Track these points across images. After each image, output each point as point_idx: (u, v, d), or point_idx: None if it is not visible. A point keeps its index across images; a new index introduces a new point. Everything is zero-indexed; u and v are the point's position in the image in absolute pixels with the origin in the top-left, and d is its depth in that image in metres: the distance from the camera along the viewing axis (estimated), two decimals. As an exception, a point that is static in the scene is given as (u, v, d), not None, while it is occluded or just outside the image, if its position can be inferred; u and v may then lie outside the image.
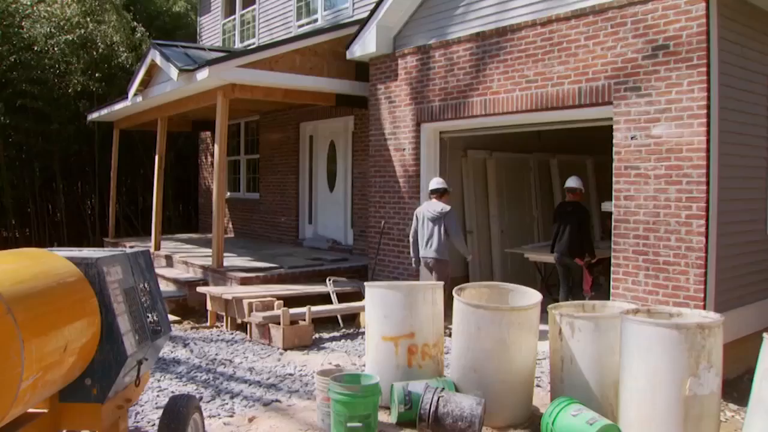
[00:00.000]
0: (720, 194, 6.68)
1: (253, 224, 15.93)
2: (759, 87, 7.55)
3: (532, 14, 8.19)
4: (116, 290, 4.08)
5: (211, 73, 9.91)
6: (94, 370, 3.94)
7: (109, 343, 3.94)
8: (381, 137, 10.48)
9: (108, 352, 3.94)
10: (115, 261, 4.23)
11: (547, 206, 12.55)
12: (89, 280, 3.94)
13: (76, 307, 3.76)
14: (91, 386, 3.95)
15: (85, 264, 3.98)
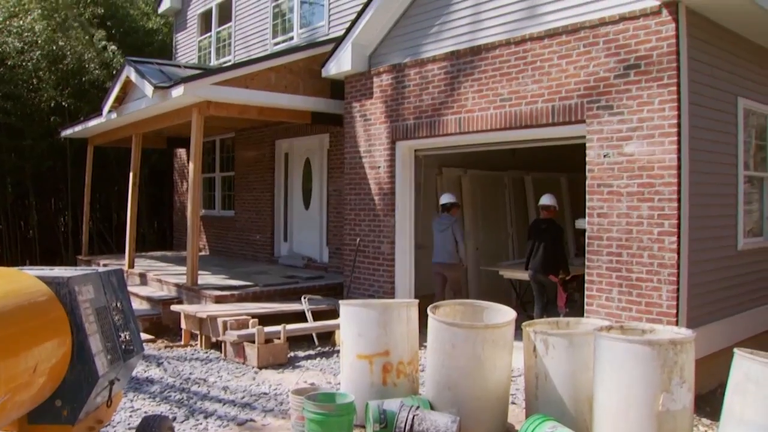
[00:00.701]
0: (691, 211, 6.77)
1: (228, 242, 15.84)
2: (728, 106, 7.69)
3: (505, 33, 8.27)
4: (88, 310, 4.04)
5: (186, 91, 9.89)
6: (65, 391, 3.89)
7: (80, 364, 3.90)
8: (356, 155, 10.50)
9: (79, 372, 3.90)
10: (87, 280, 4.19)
11: (522, 223, 12.62)
12: (60, 300, 3.90)
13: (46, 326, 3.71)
14: (61, 407, 3.89)
15: (56, 283, 3.94)
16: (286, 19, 14.31)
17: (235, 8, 15.88)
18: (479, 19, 8.62)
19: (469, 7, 8.75)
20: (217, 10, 16.81)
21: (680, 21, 6.70)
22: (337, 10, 12.67)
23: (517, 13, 8.16)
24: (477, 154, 10.52)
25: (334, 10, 12.73)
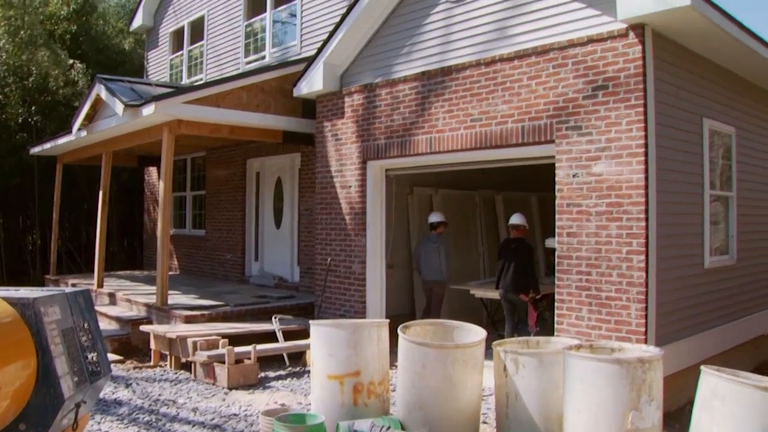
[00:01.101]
0: (659, 230, 6.86)
1: (199, 261, 15.72)
2: (694, 126, 7.83)
3: (476, 54, 8.36)
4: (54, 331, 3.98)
5: (157, 109, 9.84)
6: (29, 415, 3.81)
7: (45, 386, 3.83)
8: (327, 174, 10.50)
9: (44, 395, 3.83)
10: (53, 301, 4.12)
11: (493, 242, 12.68)
12: (25, 321, 3.83)
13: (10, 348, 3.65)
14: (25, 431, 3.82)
15: (21, 304, 3.88)
16: (259, 38, 14.32)
17: (208, 27, 15.88)
18: (450, 39, 8.71)
19: (440, 28, 8.83)
20: (189, 29, 16.80)
21: (646, 43, 6.83)
22: (309, 30, 12.72)
23: (487, 34, 8.26)
24: (448, 173, 10.57)
25: (306, 30, 12.78)
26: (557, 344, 6.08)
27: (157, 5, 18.34)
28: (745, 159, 9.22)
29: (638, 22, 6.79)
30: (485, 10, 8.28)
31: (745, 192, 9.21)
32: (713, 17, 6.76)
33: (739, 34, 7.34)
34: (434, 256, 10.35)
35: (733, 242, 8.86)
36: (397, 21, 9.46)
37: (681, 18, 6.64)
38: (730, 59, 8.25)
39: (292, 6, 13.40)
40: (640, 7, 6.61)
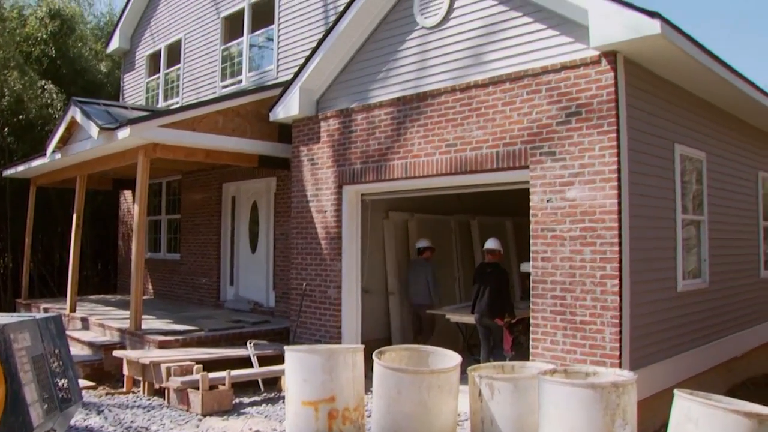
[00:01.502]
0: (632, 254, 6.92)
1: (174, 285, 15.59)
2: (666, 152, 7.94)
3: (451, 80, 8.43)
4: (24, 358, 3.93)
5: (132, 132, 9.80)
6: (-3, 443, 3.75)
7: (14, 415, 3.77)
8: (303, 199, 10.50)
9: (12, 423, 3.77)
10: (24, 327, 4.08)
11: (469, 267, 12.71)
12: (-6, 348, 3.78)
13: (-23, 376, 3.60)
14: (-7, 460, 3.76)
15: (-10, 330, 3.83)
16: (235, 62, 14.36)
17: (185, 50, 15.90)
18: (426, 65, 8.78)
19: (416, 54, 8.90)
20: (166, 52, 16.81)
21: (619, 70, 6.94)
22: (285, 55, 12.78)
23: (462, 60, 8.34)
24: (424, 198, 10.61)
25: (283, 55, 12.84)
26: (532, 369, 6.10)
27: (134, 28, 18.34)
28: (715, 183, 9.36)
29: (610, 49, 6.90)
30: (460, 37, 8.37)
31: (716, 216, 9.34)
32: (683, 45, 6.89)
33: (709, 62, 7.49)
34: (422, 280, 10.91)
35: (706, 266, 8.96)
36: (373, 47, 9.53)
37: (652, 46, 6.76)
38: (700, 86, 8.41)
39: (269, 30, 13.47)
40: (612, 35, 6.72)
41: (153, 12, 17.48)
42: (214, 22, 14.98)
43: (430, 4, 8.72)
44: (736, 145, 10.32)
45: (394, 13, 9.26)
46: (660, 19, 6.43)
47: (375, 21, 9.45)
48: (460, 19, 8.39)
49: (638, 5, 6.61)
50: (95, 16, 26.31)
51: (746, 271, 10.61)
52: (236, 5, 14.34)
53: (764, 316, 11.28)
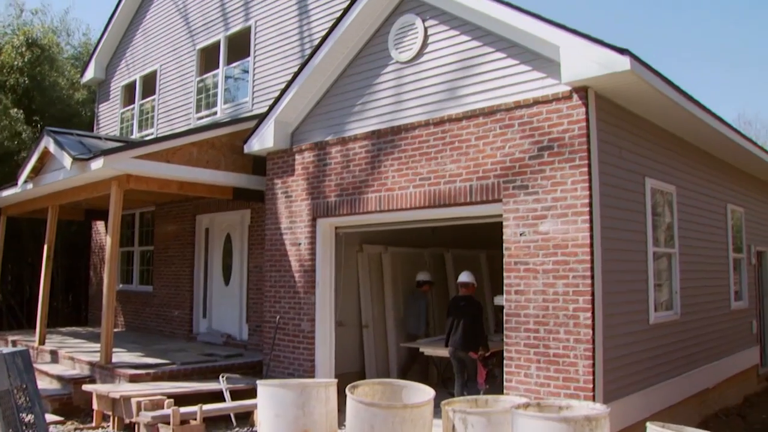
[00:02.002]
0: (604, 287, 6.97)
1: (146, 318, 15.41)
2: (637, 185, 8.05)
3: (426, 114, 8.50)
4: (-12, 394, 3.85)
5: (105, 163, 9.74)
6: (-41, 483, 3.66)
7: (-23, 453, 3.69)
8: (277, 231, 10.47)
9: (-25, 462, 3.68)
10: (-12, 363, 4.00)
11: (443, 300, 12.70)
12: (-42, 385, 3.70)
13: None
14: (-46, 501, 3.66)
15: (-46, 367, 3.75)
16: (211, 93, 14.37)
17: (160, 81, 15.89)
18: (400, 99, 8.85)
19: (391, 87, 8.98)
20: (141, 83, 16.79)
21: (590, 105, 7.05)
22: (261, 87, 12.82)
23: (437, 94, 8.42)
24: (398, 231, 10.63)
25: (259, 87, 12.88)
26: (506, 403, 6.10)
27: (109, 58, 18.33)
28: (685, 216, 9.48)
29: (582, 85, 7.01)
30: (435, 71, 8.46)
31: (687, 248, 9.45)
32: (652, 81, 7.02)
33: (677, 97, 7.63)
34: (415, 312, 11.52)
35: (677, 298, 9.05)
36: (348, 80, 9.60)
37: (622, 81, 6.88)
38: (669, 120, 8.56)
39: (245, 63, 13.52)
40: (583, 71, 6.83)
41: (129, 43, 17.49)
42: (190, 54, 15.02)
43: (405, 39, 8.82)
44: (704, 179, 10.49)
45: (369, 47, 9.35)
46: (629, 56, 6.55)
47: (350, 55, 9.53)
48: (435, 54, 8.49)
49: (608, 42, 6.73)
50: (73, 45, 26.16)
51: (717, 302, 10.73)
52: (212, 37, 14.40)
53: (735, 347, 11.39)
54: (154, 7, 16.61)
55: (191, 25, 15.16)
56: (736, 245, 11.85)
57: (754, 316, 12.84)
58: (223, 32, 14.12)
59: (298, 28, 12.26)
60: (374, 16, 9.18)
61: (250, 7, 13.47)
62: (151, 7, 16.75)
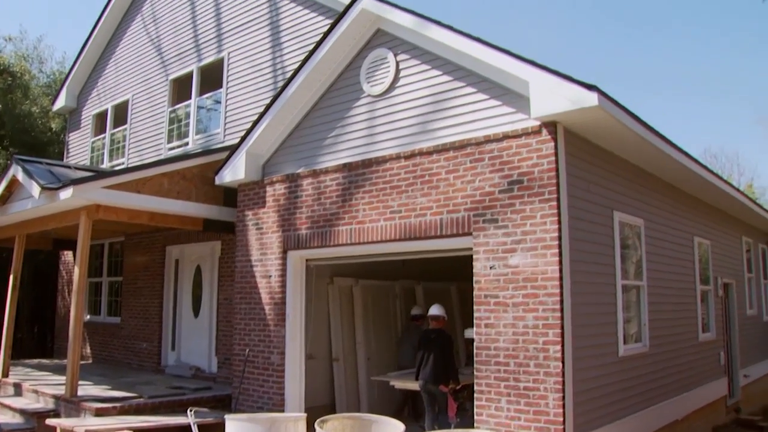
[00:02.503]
0: (574, 320, 7.01)
1: (113, 350, 15.18)
2: (605, 219, 8.14)
3: (397, 147, 8.54)
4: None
5: (75, 193, 9.65)
6: None
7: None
8: (247, 263, 10.41)
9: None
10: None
11: (414, 333, 12.66)
12: None
13: None
14: None
15: None
16: (183, 124, 14.35)
17: (132, 111, 15.85)
18: (372, 132, 8.89)
19: (363, 121, 9.02)
20: (113, 112, 16.74)
21: (559, 140, 7.13)
22: (233, 118, 12.84)
23: (408, 128, 8.47)
24: (369, 263, 10.60)
25: (231, 118, 12.89)
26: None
27: (81, 87, 18.26)
28: (653, 249, 9.59)
29: (551, 120, 7.10)
30: (406, 105, 8.53)
31: (655, 281, 9.55)
32: (619, 116, 7.14)
33: (643, 132, 7.77)
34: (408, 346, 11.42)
35: (646, 330, 9.12)
36: (320, 113, 9.64)
37: (590, 116, 6.99)
38: (636, 155, 8.69)
39: (217, 94, 13.55)
40: (552, 106, 6.93)
41: (101, 72, 17.45)
42: (163, 84, 15.02)
43: (377, 73, 8.90)
44: (672, 212, 10.64)
45: (341, 80, 9.41)
46: (597, 92, 6.66)
47: (322, 87, 9.59)
48: (406, 88, 8.56)
49: (577, 78, 6.84)
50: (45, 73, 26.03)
51: (685, 334, 10.83)
52: (185, 68, 14.42)
53: (703, 379, 11.49)
54: (127, 36, 16.62)
55: (164, 56, 15.18)
56: (703, 277, 12.00)
57: (722, 347, 12.97)
58: (196, 63, 14.15)
59: (271, 60, 12.32)
60: (346, 50, 9.26)
61: (223, 38, 13.53)
62: (124, 37, 16.76)
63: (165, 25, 15.36)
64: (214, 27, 13.83)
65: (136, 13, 16.48)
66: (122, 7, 16.83)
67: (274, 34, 12.38)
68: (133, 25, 16.49)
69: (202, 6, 14.31)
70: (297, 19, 11.98)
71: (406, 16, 8.40)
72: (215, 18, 13.86)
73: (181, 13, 14.91)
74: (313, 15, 11.65)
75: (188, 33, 14.55)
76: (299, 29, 11.90)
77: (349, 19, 8.98)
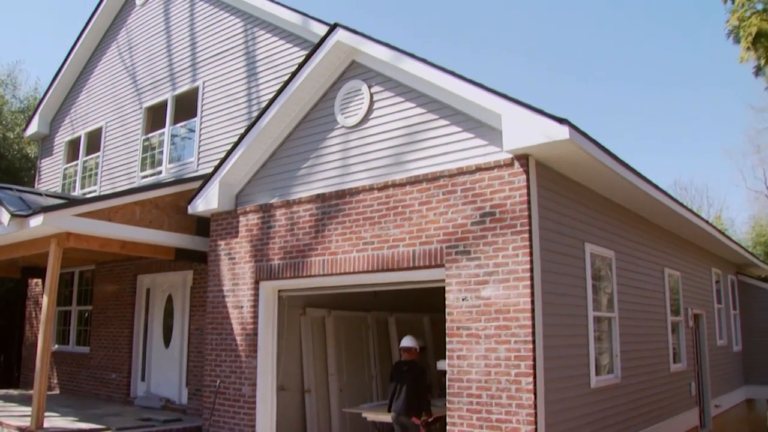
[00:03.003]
0: (546, 352, 7.03)
1: (81, 380, 14.91)
2: (577, 251, 8.21)
3: (371, 179, 8.56)
4: None
5: (45, 221, 9.52)
6: None
7: None
8: (219, 293, 10.33)
9: None
10: None
11: (386, 364, 12.62)
12: None
13: None
14: None
15: None
16: (156, 152, 14.28)
17: (105, 139, 15.77)
18: (346, 164, 8.91)
19: (337, 152, 9.05)
20: (86, 139, 16.63)
21: (531, 173, 7.21)
22: (207, 147, 12.81)
23: (382, 159, 8.51)
24: (342, 295, 10.56)
25: (205, 147, 12.86)
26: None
27: (54, 113, 18.13)
28: (624, 281, 9.68)
29: (523, 153, 7.17)
30: (380, 137, 8.57)
31: (626, 312, 9.63)
32: (590, 149, 7.23)
33: (614, 165, 7.88)
34: None
35: (617, 361, 9.17)
36: (294, 143, 9.65)
37: (561, 150, 7.07)
38: (607, 187, 8.80)
39: (192, 122, 13.52)
40: (524, 139, 7.00)
41: (75, 98, 17.36)
42: (137, 112, 14.96)
43: (351, 105, 8.94)
44: (642, 243, 10.75)
45: (315, 111, 9.44)
46: (568, 126, 6.75)
47: (297, 118, 9.61)
48: (380, 119, 8.61)
49: (548, 112, 6.93)
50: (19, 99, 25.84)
51: (657, 365, 10.90)
52: (159, 96, 14.39)
53: (675, 409, 11.56)
54: (102, 64, 16.58)
55: (139, 84, 15.14)
56: (673, 308, 12.11)
57: (693, 377, 13.07)
58: (170, 92, 14.13)
59: (246, 89, 12.35)
60: (321, 81, 9.31)
61: (198, 67, 13.54)
62: (98, 65, 16.70)
63: (140, 53, 15.35)
64: (190, 56, 13.84)
65: (111, 41, 16.46)
66: (98, 34, 16.80)
67: (249, 64, 12.42)
68: (109, 52, 16.46)
69: (178, 35, 14.34)
70: (272, 50, 12.04)
71: (381, 49, 8.48)
72: (191, 47, 13.88)
73: (157, 42, 14.92)
74: (288, 46, 11.72)
75: (163, 61, 14.54)
76: (274, 60, 11.95)
77: (324, 51, 9.04)
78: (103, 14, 16.47)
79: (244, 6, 12.71)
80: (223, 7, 13.28)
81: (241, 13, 12.85)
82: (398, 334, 12.47)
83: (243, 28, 12.75)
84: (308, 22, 11.10)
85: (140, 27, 15.56)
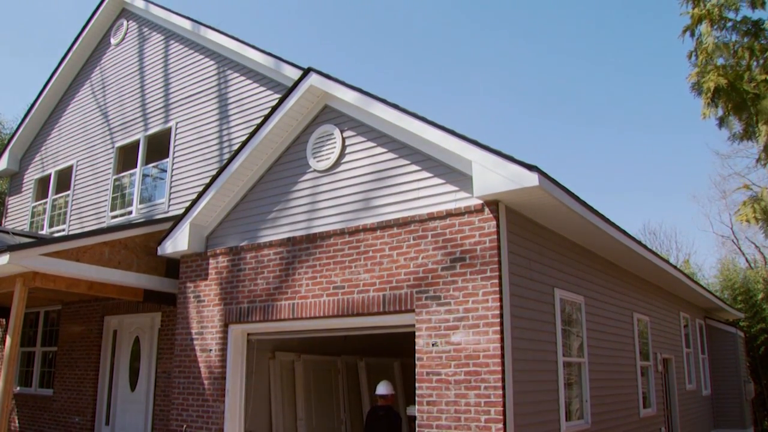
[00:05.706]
0: (515, 398, 7.01)
1: (43, 424, 14.55)
2: (546, 296, 8.25)
3: (341, 223, 8.57)
4: None
5: (11, 260, 9.35)
6: None
7: None
8: (187, 336, 10.20)
9: None
10: None
11: (355, 409, 12.49)
12: None
13: None
14: None
15: None
16: (127, 192, 14.19)
17: (75, 177, 15.64)
18: (316, 207, 8.91)
19: (307, 196, 9.05)
20: (56, 178, 16.48)
21: (501, 218, 7.26)
22: (178, 188, 12.75)
23: (352, 204, 8.52)
24: (311, 339, 10.49)
25: (176, 188, 12.80)
26: None
27: (24, 150, 17.96)
28: (594, 326, 9.72)
29: (493, 198, 7.23)
30: (351, 181, 8.60)
31: (596, 357, 9.65)
32: (559, 196, 7.31)
33: (583, 211, 7.97)
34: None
35: (587, 407, 9.16)
36: (265, 186, 9.65)
37: (531, 196, 7.14)
38: (576, 233, 8.88)
39: (164, 163, 13.47)
40: (494, 185, 7.06)
41: (46, 136, 17.24)
42: (108, 152, 14.89)
43: (323, 149, 8.98)
44: (612, 288, 10.84)
45: (288, 154, 9.47)
46: (538, 172, 6.83)
47: (269, 161, 9.62)
48: (352, 164, 8.65)
49: (518, 158, 7.01)
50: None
51: (627, 410, 10.91)
52: (132, 136, 14.36)
53: (645, 457, 11.53)
54: (75, 102, 16.52)
55: (111, 123, 15.10)
56: (643, 353, 12.17)
57: (663, 422, 13.08)
58: (142, 132, 14.10)
59: (218, 131, 12.36)
60: (293, 125, 9.36)
61: (170, 108, 13.55)
62: (71, 103, 16.65)
63: (113, 93, 15.33)
64: (163, 96, 13.86)
65: (84, 80, 16.44)
66: (71, 73, 16.77)
67: (222, 106, 12.46)
68: (82, 91, 16.42)
69: (152, 75, 14.36)
70: (245, 92, 12.10)
71: (353, 94, 8.55)
72: (164, 87, 13.90)
73: (130, 82, 14.93)
74: (261, 88, 11.79)
75: (136, 102, 14.54)
76: (247, 102, 12.01)
77: (297, 95, 9.10)
78: (77, 52, 16.46)
79: (217, 48, 12.80)
80: (197, 48, 13.36)
81: (215, 55, 12.92)
82: (368, 379, 12.36)
83: (216, 69, 12.81)
84: (281, 66, 11.19)
85: (114, 66, 15.58)
